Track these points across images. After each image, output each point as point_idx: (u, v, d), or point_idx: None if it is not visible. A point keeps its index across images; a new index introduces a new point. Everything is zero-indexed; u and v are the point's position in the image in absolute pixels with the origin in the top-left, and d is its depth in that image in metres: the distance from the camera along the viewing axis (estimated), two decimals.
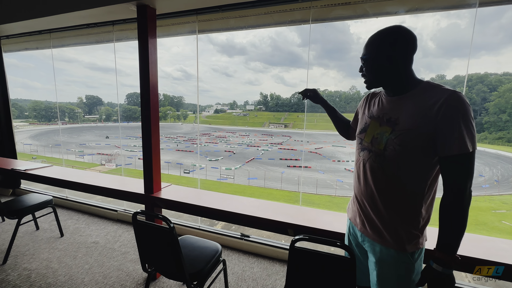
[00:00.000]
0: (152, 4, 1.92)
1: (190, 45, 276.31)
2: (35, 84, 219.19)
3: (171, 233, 1.28)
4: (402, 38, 0.90)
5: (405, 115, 0.90)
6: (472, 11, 1.80)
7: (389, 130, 0.92)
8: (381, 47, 0.92)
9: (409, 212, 0.92)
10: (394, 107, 0.95)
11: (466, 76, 2.38)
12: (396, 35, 0.90)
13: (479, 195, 17.14)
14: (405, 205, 0.92)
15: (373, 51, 0.94)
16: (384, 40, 0.92)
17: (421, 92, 0.89)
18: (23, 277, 2.01)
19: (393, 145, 0.90)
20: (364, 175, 1.02)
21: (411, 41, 0.90)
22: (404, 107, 0.91)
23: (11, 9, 2.47)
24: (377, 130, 0.97)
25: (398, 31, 0.90)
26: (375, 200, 0.97)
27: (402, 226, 0.93)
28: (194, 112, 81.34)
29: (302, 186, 19.16)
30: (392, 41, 0.90)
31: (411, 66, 0.93)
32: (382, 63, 0.93)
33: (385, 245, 0.96)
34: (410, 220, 0.93)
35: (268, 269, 2.20)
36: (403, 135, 0.88)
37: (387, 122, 0.94)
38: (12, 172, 2.70)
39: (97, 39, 3.11)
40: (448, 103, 0.81)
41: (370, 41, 0.96)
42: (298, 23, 2.21)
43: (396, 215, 0.94)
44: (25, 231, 2.70)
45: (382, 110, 0.99)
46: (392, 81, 0.95)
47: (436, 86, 0.87)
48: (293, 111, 72.70)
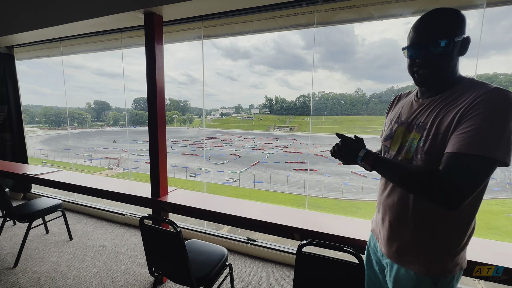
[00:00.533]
0: (159, 11, 1.96)
1: (194, 50, 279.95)
2: (45, 90, 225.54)
3: (178, 237, 1.29)
4: (464, 21, 0.76)
5: (439, 118, 0.76)
6: (480, 10, 1.78)
7: (418, 136, 0.79)
8: (458, 30, 0.75)
9: (441, 230, 0.78)
10: (427, 110, 0.81)
11: (475, 77, 2.33)
12: (461, 16, 0.76)
13: (491, 198, 16.66)
14: (436, 221, 0.79)
15: (449, 34, 0.74)
16: (459, 21, 0.75)
17: (460, 91, 0.76)
18: (33, 280, 2.04)
19: (420, 153, 0.78)
20: (390, 188, 0.90)
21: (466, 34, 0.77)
22: (437, 109, 0.78)
23: (24, 19, 2.56)
24: (405, 137, 0.85)
25: (464, 19, 0.76)
26: (400, 215, 0.85)
27: (430, 246, 0.80)
28: (199, 116, 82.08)
29: (308, 189, 19.00)
30: (462, 23, 0.75)
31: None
32: (447, 52, 0.75)
33: (404, 265, 0.84)
34: (442, 240, 0.78)
35: (275, 273, 2.18)
36: (433, 140, 0.75)
37: (417, 127, 0.81)
38: (23, 177, 2.77)
39: (106, 46, 3.18)
40: (481, 97, 0.68)
41: (442, 23, 0.75)
42: (303, 27, 2.22)
43: (425, 233, 0.81)
44: (35, 235, 2.75)
45: (412, 114, 0.86)
46: (448, 76, 0.79)
47: (479, 84, 0.74)
48: (298, 114, 72.63)
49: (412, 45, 0.81)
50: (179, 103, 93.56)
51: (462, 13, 0.76)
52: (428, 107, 0.81)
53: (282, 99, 78.91)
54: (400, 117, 0.91)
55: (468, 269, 1.23)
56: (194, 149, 36.07)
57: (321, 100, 75.55)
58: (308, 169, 25.91)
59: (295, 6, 2.01)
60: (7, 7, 2.62)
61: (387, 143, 0.93)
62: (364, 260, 1.09)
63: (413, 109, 0.87)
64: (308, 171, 25.04)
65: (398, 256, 0.86)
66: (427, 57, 0.78)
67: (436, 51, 0.76)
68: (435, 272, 0.79)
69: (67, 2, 2.25)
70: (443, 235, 0.78)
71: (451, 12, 0.76)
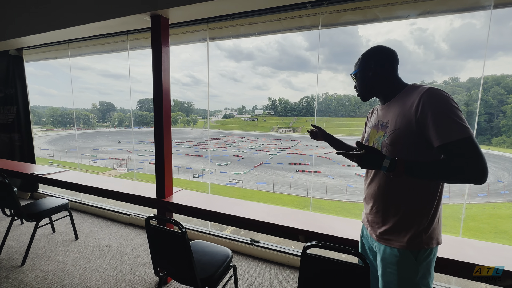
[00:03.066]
0: (165, 14, 1.99)
1: (198, 51, 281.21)
2: (52, 91, 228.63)
3: (183, 238, 1.30)
4: (382, 56, 1.05)
5: (392, 118, 0.99)
6: (487, 11, 1.76)
7: (382, 133, 1.02)
8: (367, 65, 1.07)
9: (414, 210, 0.95)
10: (385, 113, 1.05)
11: (482, 78, 2.31)
12: (377, 55, 1.06)
13: (498, 202, 16.37)
14: (410, 203, 0.95)
15: (360, 69, 1.09)
16: (368, 60, 1.07)
17: (404, 94, 0.99)
18: (40, 278, 2.07)
19: (386, 146, 0.98)
20: (370, 178, 1.09)
21: (390, 56, 1.05)
22: (392, 110, 1.01)
23: (33, 22, 2.61)
24: (375, 136, 1.07)
25: (378, 51, 1.06)
26: (378, 201, 1.03)
27: (407, 224, 0.95)
28: (203, 117, 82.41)
29: (311, 191, 18.90)
30: (375, 59, 1.05)
31: (396, 74, 1.05)
32: (368, 78, 1.07)
33: (388, 244, 0.99)
34: (413, 217, 0.95)
35: (279, 275, 2.18)
36: (391, 135, 0.97)
37: (381, 127, 1.04)
38: (31, 177, 2.81)
39: (112, 48, 3.23)
40: (422, 100, 0.88)
41: (357, 62, 1.11)
42: (308, 29, 2.23)
43: (402, 213, 0.97)
44: (42, 234, 2.80)
45: (378, 117, 1.09)
46: (381, 90, 1.08)
47: (417, 86, 0.95)
48: (302, 115, 72.38)
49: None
50: (183, 104, 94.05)
51: (376, 49, 1.07)
52: (386, 110, 1.05)
53: (285, 101, 78.76)
54: (371, 122, 1.15)
55: (468, 269, 1.24)
56: (198, 150, 36.20)
57: (324, 102, 75.22)
58: (312, 171, 25.80)
59: (300, 8, 2.02)
60: (17, 11, 2.68)
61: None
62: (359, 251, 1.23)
63: (378, 114, 1.11)
64: (312, 173, 24.93)
65: (382, 236, 1.01)
66: (355, 81, 1.13)
67: (356, 77, 1.12)
68: (414, 246, 0.93)
69: (76, 6, 2.29)
70: (415, 210, 0.95)
71: (365, 52, 1.09)
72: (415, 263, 0.94)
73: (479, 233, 11.63)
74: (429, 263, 0.95)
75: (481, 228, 12.14)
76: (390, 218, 0.99)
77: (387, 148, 0.98)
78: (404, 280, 0.95)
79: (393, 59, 1.05)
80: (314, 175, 23.70)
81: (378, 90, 1.09)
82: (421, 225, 0.94)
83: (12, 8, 2.71)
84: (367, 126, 1.22)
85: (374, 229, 1.06)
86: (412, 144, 0.91)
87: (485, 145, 37.72)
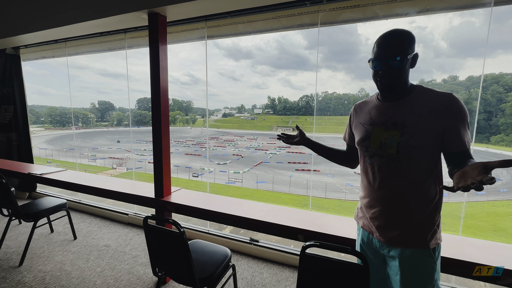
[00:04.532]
0: (163, 12, 1.97)
1: (197, 50, 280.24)
2: (50, 91, 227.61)
3: (182, 237, 1.29)
4: (415, 41, 0.94)
5: (412, 117, 0.93)
6: (487, 9, 1.75)
7: (398, 133, 0.95)
8: (410, 48, 0.93)
9: (429, 209, 0.95)
10: (397, 111, 0.97)
11: (482, 77, 2.30)
12: (413, 37, 0.94)
13: (497, 200, 16.43)
14: (424, 202, 0.95)
15: (404, 52, 0.92)
16: (411, 41, 0.93)
17: (419, 94, 0.95)
18: (38, 279, 2.06)
19: (407, 147, 0.93)
20: (379, 181, 1.01)
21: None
22: (407, 109, 0.95)
23: (30, 20, 2.58)
24: (383, 135, 0.99)
25: (411, 34, 0.94)
26: (394, 204, 0.98)
27: (424, 224, 0.95)
28: (202, 116, 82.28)
29: (311, 190, 18.92)
30: (413, 43, 0.94)
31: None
32: (407, 65, 0.94)
33: (408, 246, 0.96)
34: (431, 216, 0.95)
35: (278, 274, 2.17)
36: (416, 136, 0.92)
37: (394, 126, 0.97)
38: (28, 176, 2.79)
39: (110, 47, 3.21)
40: (452, 106, 0.89)
41: (398, 42, 0.93)
42: (307, 27, 2.21)
43: (418, 214, 0.95)
44: (40, 234, 2.78)
45: (384, 115, 1.01)
46: (403, 84, 0.97)
47: (429, 89, 0.95)
48: (301, 114, 72.38)
49: (376, 59, 0.96)
50: (182, 103, 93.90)
51: (412, 34, 0.94)
52: (397, 108, 0.98)
53: (285, 99, 78.73)
54: (373, 120, 1.05)
55: (469, 269, 1.23)
56: (197, 149, 36.17)
57: (324, 100, 75.22)
58: (311, 170, 25.83)
59: (299, 6, 2.00)
60: (13, 9, 2.65)
61: (366, 143, 1.06)
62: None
63: (383, 111, 1.02)
64: (311, 172, 24.96)
65: (399, 239, 0.97)
66: (387, 69, 0.94)
67: (394, 64, 0.93)
68: (433, 243, 0.95)
69: (72, 3, 2.27)
70: (429, 209, 0.95)
71: (405, 33, 0.94)
72: (434, 260, 0.95)
73: (478, 231, 11.67)
74: (439, 258, 0.99)
75: (480, 226, 12.18)
76: (407, 220, 0.97)
77: (408, 149, 0.93)
78: (427, 278, 0.95)
79: (417, 55, 0.97)
80: (314, 173, 23.73)
81: (403, 82, 0.96)
82: (435, 222, 0.96)
83: (8, 6, 2.68)
84: (360, 124, 1.10)
85: (384, 234, 1.01)
86: (431, 146, 0.92)
87: (484, 143, 37.84)
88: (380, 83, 0.98)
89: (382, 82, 0.98)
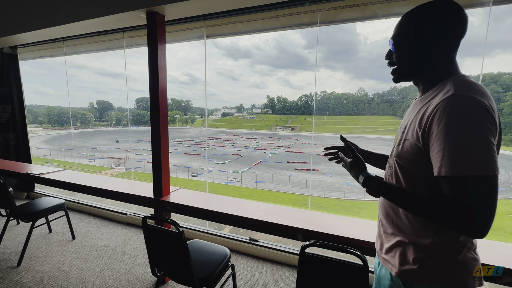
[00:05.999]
0: (161, 11, 1.96)
1: (196, 50, 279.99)
2: (48, 90, 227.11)
3: (180, 237, 1.28)
4: (447, 14, 0.68)
5: (409, 122, 0.75)
6: (486, 8, 1.75)
7: (397, 140, 0.81)
8: (420, 25, 0.72)
9: (414, 229, 0.75)
10: (411, 111, 0.80)
11: (480, 76, 2.31)
12: (440, 10, 0.69)
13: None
14: (412, 221, 0.76)
15: (410, 30, 0.73)
16: (424, 16, 0.71)
17: (437, 91, 0.69)
18: (36, 279, 2.05)
19: (394, 156, 0.80)
20: None
21: (459, 20, 0.68)
22: (416, 109, 0.75)
23: (27, 19, 2.56)
24: (396, 138, 0.84)
25: (443, 5, 0.69)
26: (385, 218, 0.86)
27: (404, 244, 0.77)
28: (201, 116, 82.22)
29: (310, 189, 18.95)
30: (434, 17, 0.70)
31: (454, 55, 0.72)
32: (418, 45, 0.73)
33: (385, 265, 0.83)
34: (414, 238, 0.75)
35: (277, 274, 2.17)
36: (402, 145, 0.75)
37: (400, 129, 0.83)
38: (26, 176, 2.78)
39: (108, 46, 3.19)
40: (438, 108, 0.63)
41: (405, 19, 0.75)
42: (306, 26, 2.21)
43: (400, 232, 0.79)
44: (39, 234, 2.77)
45: (406, 115, 0.84)
46: (426, 72, 0.75)
47: (457, 82, 0.66)
48: (300, 113, 72.50)
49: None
50: (181, 103, 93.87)
51: (444, 5, 0.69)
52: (413, 107, 0.79)
53: (284, 99, 78.85)
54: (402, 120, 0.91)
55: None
56: (196, 149, 36.14)
57: (323, 100, 75.31)
58: (310, 169, 25.86)
59: (298, 5, 2.00)
60: (10, 7, 2.63)
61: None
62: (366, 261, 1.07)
63: (409, 110, 0.85)
64: (310, 171, 24.99)
65: (384, 258, 0.85)
66: (388, 53, 0.80)
67: (392, 48, 0.77)
68: (404, 273, 0.79)
69: (70, 2, 2.25)
70: (414, 232, 0.76)
71: (411, 12, 0.74)
72: None
73: None
74: None
75: None
76: (390, 236, 0.85)
77: (396, 160, 0.77)
78: None
79: (461, 27, 0.69)
80: (313, 173, 23.77)
81: (423, 69, 0.75)
82: (423, 247, 0.80)
83: (5, 5, 2.66)
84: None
85: (380, 248, 0.90)
86: (423, 162, 0.69)
87: None
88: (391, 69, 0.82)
89: (392, 69, 0.81)
